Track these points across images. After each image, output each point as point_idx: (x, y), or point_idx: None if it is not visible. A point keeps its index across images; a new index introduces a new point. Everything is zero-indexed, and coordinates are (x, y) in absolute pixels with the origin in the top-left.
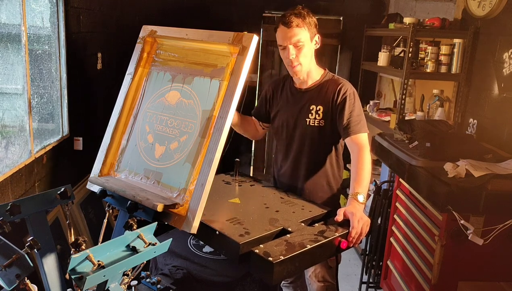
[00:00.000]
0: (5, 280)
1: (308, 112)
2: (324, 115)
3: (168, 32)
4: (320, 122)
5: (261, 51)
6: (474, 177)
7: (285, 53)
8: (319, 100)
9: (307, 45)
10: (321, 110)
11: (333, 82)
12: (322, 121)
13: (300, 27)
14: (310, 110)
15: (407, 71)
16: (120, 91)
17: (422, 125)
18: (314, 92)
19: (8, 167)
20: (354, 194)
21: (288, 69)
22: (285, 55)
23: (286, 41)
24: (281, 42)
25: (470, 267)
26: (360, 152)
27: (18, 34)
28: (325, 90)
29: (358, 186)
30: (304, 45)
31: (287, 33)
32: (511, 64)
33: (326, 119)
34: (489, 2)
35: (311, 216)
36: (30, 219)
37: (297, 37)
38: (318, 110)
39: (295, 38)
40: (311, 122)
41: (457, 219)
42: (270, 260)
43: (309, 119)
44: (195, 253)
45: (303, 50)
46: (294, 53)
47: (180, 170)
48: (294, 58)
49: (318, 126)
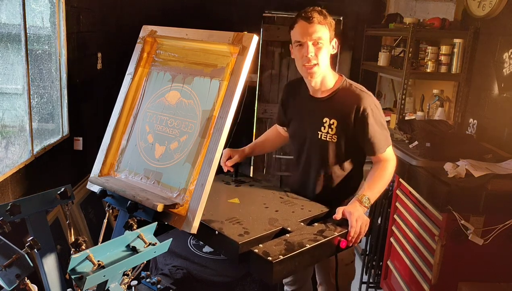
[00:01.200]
0: (5, 280)
1: (321, 125)
2: (337, 130)
3: (168, 32)
4: (333, 138)
5: (261, 51)
6: (474, 177)
7: (302, 51)
8: (334, 113)
9: (326, 46)
10: (335, 125)
11: (351, 93)
12: (334, 136)
13: (322, 24)
14: (322, 123)
15: (407, 71)
16: (120, 91)
17: (422, 125)
18: (329, 103)
19: (8, 167)
20: (360, 196)
21: (301, 70)
22: (301, 53)
23: (305, 37)
24: (299, 38)
25: (470, 267)
26: (385, 163)
27: (18, 34)
28: (341, 102)
29: (368, 190)
30: (324, 45)
31: (308, 28)
32: (511, 64)
33: (339, 135)
34: (489, 2)
35: (311, 216)
36: (30, 219)
37: (318, 34)
38: (331, 124)
39: (316, 34)
40: (322, 136)
41: (457, 219)
42: (270, 259)
43: (321, 132)
44: (195, 253)
45: (322, 50)
46: (313, 51)
47: (180, 170)
48: (312, 56)
49: (330, 142)
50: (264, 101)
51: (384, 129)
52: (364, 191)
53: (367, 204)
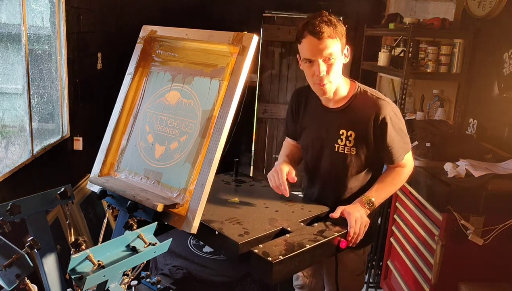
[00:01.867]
0: (5, 280)
1: (337, 138)
2: (356, 141)
3: (168, 32)
4: (351, 150)
5: (261, 51)
6: (474, 177)
7: (312, 69)
8: (351, 124)
9: (338, 60)
10: (353, 137)
11: (368, 102)
12: (353, 149)
13: (333, 38)
14: (339, 135)
15: (407, 71)
16: (120, 91)
17: (422, 125)
18: (344, 113)
19: (8, 167)
20: (365, 196)
21: (314, 87)
22: (312, 71)
23: (316, 55)
24: (309, 55)
25: (470, 267)
26: (400, 168)
27: (18, 34)
28: (358, 112)
29: (374, 193)
30: (336, 59)
31: (318, 45)
32: (511, 64)
33: (358, 146)
34: (489, 2)
35: (311, 216)
36: (30, 219)
37: (329, 50)
38: (349, 136)
39: (327, 51)
40: (340, 149)
41: (457, 219)
42: (269, 260)
43: (338, 145)
44: (195, 253)
45: (334, 65)
46: (324, 70)
47: (180, 170)
48: (324, 76)
49: (349, 154)
50: (264, 101)
51: (404, 137)
52: (370, 193)
53: (369, 207)
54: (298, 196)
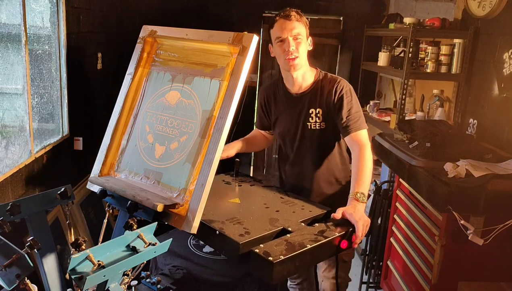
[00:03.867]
0: (5, 280)
1: (308, 117)
2: (324, 117)
3: (168, 32)
4: (321, 125)
5: (261, 51)
6: (474, 177)
7: (283, 46)
8: (317, 103)
9: (304, 42)
10: (321, 113)
11: (328, 81)
12: (323, 123)
13: (300, 22)
14: (309, 114)
15: (407, 71)
16: (120, 91)
17: (422, 125)
18: (311, 95)
19: (8, 167)
20: (354, 194)
21: (284, 64)
22: (283, 48)
23: (286, 33)
24: (280, 34)
25: (470, 267)
26: (361, 150)
27: (18, 34)
28: (321, 91)
29: (358, 186)
30: (302, 40)
31: (288, 25)
32: (511, 64)
33: (326, 121)
34: (489, 2)
35: (311, 216)
36: (30, 219)
37: (297, 30)
38: (317, 113)
39: (296, 30)
40: (312, 126)
41: (457, 219)
42: (270, 259)
43: (310, 123)
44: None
45: (302, 45)
46: (294, 45)
47: (180, 170)
48: (293, 50)
49: (320, 129)
50: None
51: (359, 112)
52: (355, 188)
53: (363, 199)
54: (298, 196)
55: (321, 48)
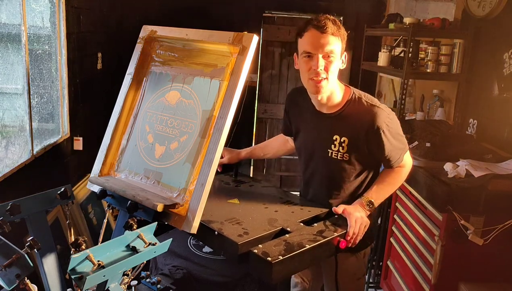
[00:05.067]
0: (5, 280)
1: (331, 143)
2: (349, 148)
3: (168, 32)
4: (344, 156)
5: (261, 51)
6: (474, 177)
7: (310, 63)
8: (345, 130)
9: (337, 60)
10: (346, 143)
11: (362, 108)
12: (346, 155)
13: (336, 36)
14: (333, 141)
15: (407, 71)
16: (120, 91)
17: (422, 125)
18: (338, 119)
19: (8, 167)
20: (364, 198)
21: (308, 84)
22: (309, 65)
23: (317, 49)
24: (309, 48)
25: (470, 267)
26: (399, 168)
27: (18, 34)
28: (352, 118)
29: (374, 193)
30: (335, 59)
31: (320, 39)
32: (511, 64)
33: (351, 153)
34: (489, 2)
35: (310, 216)
36: (30, 219)
37: (331, 47)
38: (342, 142)
39: (329, 47)
40: (333, 154)
41: (457, 219)
42: (269, 260)
43: (331, 151)
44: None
45: (333, 64)
46: (323, 65)
47: (180, 170)
48: (321, 70)
49: (342, 160)
50: (264, 101)
51: (401, 139)
52: (369, 194)
53: (369, 208)
54: (297, 196)
55: None
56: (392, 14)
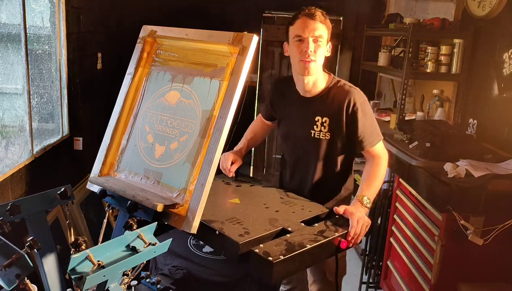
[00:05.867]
0: (5, 280)
1: (313, 124)
2: (330, 127)
3: (168, 32)
4: (326, 135)
5: (261, 51)
6: (474, 177)
7: (301, 46)
8: (325, 111)
9: (324, 47)
10: (327, 123)
11: (340, 90)
12: (328, 134)
13: (324, 23)
14: (315, 121)
15: (407, 71)
16: (120, 91)
17: (422, 126)
18: (320, 102)
19: (8, 167)
20: (360, 196)
21: (297, 66)
22: (301, 48)
23: (307, 33)
24: (300, 32)
25: (470, 267)
26: (377, 160)
27: (18, 34)
28: (331, 99)
29: (366, 190)
30: (322, 44)
31: (310, 24)
32: (511, 64)
33: (332, 131)
34: (489, 2)
35: (311, 216)
36: (30, 219)
37: (320, 32)
38: (324, 122)
39: (318, 32)
40: (316, 134)
41: (457, 219)
42: (270, 259)
43: (314, 131)
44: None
45: (321, 48)
46: (313, 47)
47: (180, 170)
48: (311, 52)
49: (324, 139)
50: (264, 101)
51: (374, 124)
52: (362, 192)
53: (368, 204)
54: (297, 196)
55: None
56: (392, 14)
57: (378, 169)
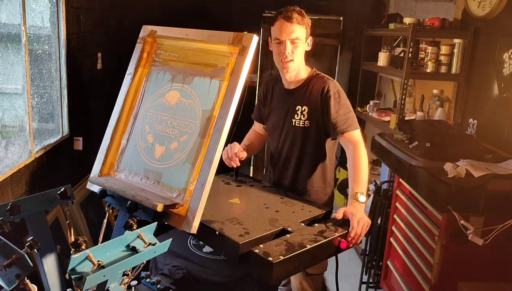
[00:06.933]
0: (5, 280)
1: (294, 113)
2: (309, 115)
3: (168, 32)
4: (305, 123)
5: (261, 51)
6: (474, 177)
7: (280, 48)
8: (305, 100)
9: (302, 44)
10: (306, 111)
11: (318, 81)
12: (307, 122)
13: (300, 24)
14: (296, 110)
15: (407, 71)
16: (120, 91)
17: (422, 126)
18: (300, 92)
19: (8, 167)
20: (353, 194)
21: (278, 65)
22: (279, 50)
23: (284, 36)
24: (278, 35)
25: (470, 267)
26: (355, 150)
27: (18, 34)
28: (310, 89)
29: (356, 186)
30: (300, 44)
31: (287, 28)
32: (511, 64)
33: (311, 119)
34: (489, 2)
35: (311, 216)
36: (30, 219)
37: (296, 34)
38: (303, 110)
39: (294, 34)
40: (296, 123)
41: (457, 219)
42: (270, 260)
43: (295, 120)
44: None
45: (298, 48)
46: (290, 49)
47: (180, 170)
48: (289, 53)
49: (303, 127)
50: None
51: (349, 113)
52: (353, 189)
53: (363, 200)
54: (297, 196)
55: (321, 48)
56: (392, 14)
57: (359, 159)
